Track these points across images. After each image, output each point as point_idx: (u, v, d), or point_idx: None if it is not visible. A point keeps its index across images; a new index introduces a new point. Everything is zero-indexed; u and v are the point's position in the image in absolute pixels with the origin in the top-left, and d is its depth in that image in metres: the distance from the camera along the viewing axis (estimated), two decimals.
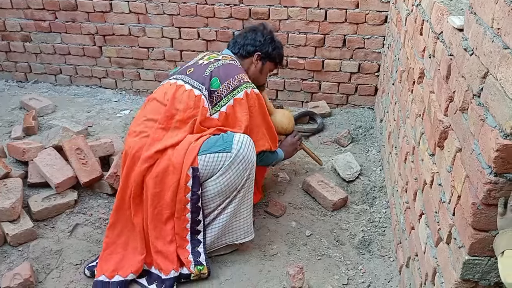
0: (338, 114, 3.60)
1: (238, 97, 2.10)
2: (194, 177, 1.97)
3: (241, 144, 1.98)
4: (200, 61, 2.26)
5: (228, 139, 2.00)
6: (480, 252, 1.18)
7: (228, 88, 2.11)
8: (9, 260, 2.10)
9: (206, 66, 2.17)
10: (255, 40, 2.33)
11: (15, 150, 2.57)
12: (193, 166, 1.96)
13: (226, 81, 2.11)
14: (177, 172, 1.97)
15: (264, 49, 2.34)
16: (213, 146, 1.99)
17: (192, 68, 2.21)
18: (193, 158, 1.96)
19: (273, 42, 2.38)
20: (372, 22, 3.28)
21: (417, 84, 1.95)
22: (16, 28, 3.93)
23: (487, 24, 1.13)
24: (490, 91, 1.09)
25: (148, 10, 3.59)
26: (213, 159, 1.97)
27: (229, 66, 2.20)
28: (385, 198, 2.58)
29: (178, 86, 2.13)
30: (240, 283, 2.03)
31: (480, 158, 1.12)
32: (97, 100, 3.90)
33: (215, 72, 2.13)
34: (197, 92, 2.09)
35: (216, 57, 2.26)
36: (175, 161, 1.97)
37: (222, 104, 2.10)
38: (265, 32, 2.37)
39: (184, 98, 2.08)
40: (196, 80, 2.13)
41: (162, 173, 1.98)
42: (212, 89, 2.10)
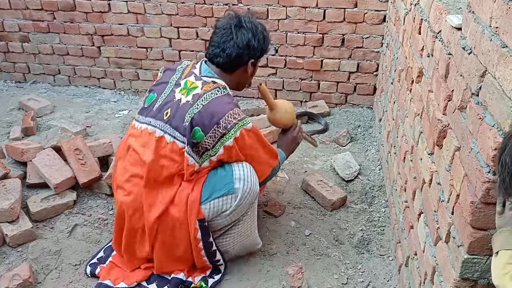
0: (337, 114, 3.60)
1: (227, 144, 1.82)
2: (202, 227, 1.88)
3: (243, 181, 1.85)
4: (177, 94, 1.87)
5: (227, 178, 1.85)
6: (479, 250, 1.18)
7: (214, 138, 1.81)
8: (8, 261, 2.10)
9: (184, 109, 1.81)
10: (248, 47, 1.90)
11: (14, 150, 2.57)
12: (199, 218, 1.86)
13: (210, 130, 1.79)
14: (184, 227, 1.87)
15: (257, 54, 1.97)
16: (214, 191, 1.85)
17: (169, 110, 1.84)
18: (197, 211, 1.84)
19: (265, 40, 1.98)
20: (370, 22, 3.28)
21: (416, 83, 1.95)
22: (14, 28, 3.93)
23: (485, 23, 1.13)
24: (488, 90, 1.09)
25: (147, 10, 3.59)
26: (218, 203, 1.86)
27: (212, 105, 1.81)
28: (384, 197, 2.58)
29: (158, 138, 1.83)
30: (239, 283, 2.03)
31: (479, 157, 1.12)
32: (96, 100, 3.90)
33: (196, 120, 1.79)
34: (180, 144, 1.82)
35: (194, 86, 1.87)
36: (179, 217, 1.85)
37: (211, 154, 1.85)
38: (256, 30, 1.93)
39: (167, 152, 1.83)
40: (175, 129, 1.82)
41: (169, 233, 1.89)
42: (196, 141, 1.81)
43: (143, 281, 2.00)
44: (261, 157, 1.97)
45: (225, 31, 1.90)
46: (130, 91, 4.03)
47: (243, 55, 1.91)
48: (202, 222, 1.87)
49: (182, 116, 1.81)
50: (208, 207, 1.86)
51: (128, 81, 3.99)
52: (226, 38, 1.89)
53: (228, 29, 1.89)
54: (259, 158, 1.96)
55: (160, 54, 3.78)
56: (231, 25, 1.90)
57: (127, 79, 3.98)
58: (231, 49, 1.88)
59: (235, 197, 1.86)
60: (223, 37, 1.90)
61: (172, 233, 1.89)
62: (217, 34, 1.92)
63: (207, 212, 1.86)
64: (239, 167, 1.88)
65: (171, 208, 1.85)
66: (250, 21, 1.93)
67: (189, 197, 1.84)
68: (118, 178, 1.95)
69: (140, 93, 4.00)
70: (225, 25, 1.91)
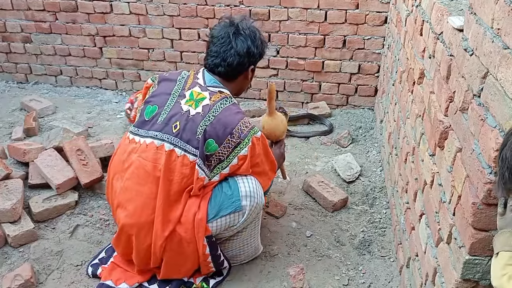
0: (338, 115, 3.60)
1: (242, 154, 1.82)
2: (210, 243, 1.86)
3: (250, 198, 1.83)
4: (183, 105, 1.82)
5: (234, 196, 1.83)
6: (481, 252, 1.18)
7: (228, 148, 1.80)
8: (10, 261, 2.10)
9: (195, 121, 1.78)
10: (248, 54, 1.88)
11: (16, 151, 2.57)
12: (207, 235, 1.83)
13: (224, 140, 1.78)
14: (192, 245, 1.84)
15: (257, 59, 1.97)
16: (221, 209, 1.82)
17: (178, 123, 1.79)
18: (204, 230, 1.82)
19: (263, 44, 1.98)
20: (372, 23, 3.29)
21: (417, 85, 1.95)
22: (16, 29, 3.93)
23: (487, 25, 1.13)
24: (490, 91, 1.09)
25: (149, 11, 3.60)
26: (225, 221, 1.84)
27: (223, 116, 1.79)
28: (385, 198, 2.59)
29: (168, 152, 1.78)
30: (240, 284, 2.03)
31: (480, 158, 1.12)
32: (98, 101, 3.90)
33: (209, 132, 1.77)
34: (191, 157, 1.78)
35: (202, 97, 1.84)
36: (186, 236, 1.82)
37: (223, 166, 1.83)
38: (255, 36, 1.91)
39: (178, 166, 1.78)
40: (187, 142, 1.78)
41: (176, 250, 1.86)
42: (208, 153, 1.79)
43: (144, 282, 2.01)
44: (265, 168, 1.96)
45: (223, 40, 1.87)
46: (132, 92, 4.04)
47: (244, 62, 1.90)
48: (210, 238, 1.86)
49: (193, 128, 1.78)
50: (215, 225, 1.84)
51: (130, 82, 4.00)
52: (226, 47, 1.86)
53: (227, 38, 1.87)
54: (263, 168, 1.95)
55: (162, 55, 3.78)
56: (229, 34, 1.87)
57: (128, 80, 3.99)
58: (232, 58, 1.86)
59: (243, 213, 1.86)
60: (222, 46, 1.87)
61: (179, 250, 1.86)
62: (215, 43, 1.89)
63: (215, 229, 1.85)
64: (245, 183, 1.85)
65: (178, 227, 1.82)
66: (247, 27, 1.91)
67: (196, 216, 1.81)
68: (119, 196, 1.87)
69: None
70: (222, 34, 1.88)
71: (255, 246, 2.13)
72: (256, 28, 1.95)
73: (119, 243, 1.96)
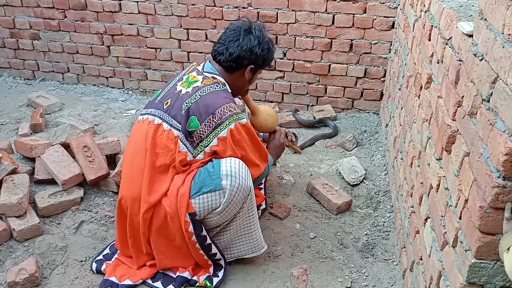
0: (343, 119, 3.61)
1: (221, 135, 1.88)
2: (193, 221, 1.88)
3: (230, 178, 1.84)
4: (179, 86, 1.98)
5: (215, 174, 1.85)
6: (487, 255, 1.19)
7: (209, 127, 1.87)
8: (15, 255, 2.11)
9: (183, 99, 1.91)
10: (251, 52, 1.97)
11: (23, 146, 2.59)
12: (189, 212, 1.86)
13: (206, 119, 1.87)
14: (176, 220, 1.89)
15: (259, 62, 2.03)
16: (202, 185, 1.86)
17: (169, 100, 1.95)
18: (187, 205, 1.86)
19: (269, 51, 2.05)
20: (379, 28, 3.30)
21: (425, 89, 1.96)
22: (25, 26, 3.97)
23: (497, 30, 1.14)
24: (499, 96, 1.10)
25: (157, 11, 3.62)
26: (207, 199, 1.87)
27: (209, 97, 1.90)
28: (389, 202, 2.59)
29: (156, 126, 1.92)
30: (243, 284, 2.04)
31: (489, 162, 1.12)
32: (104, 99, 3.92)
33: (193, 109, 1.87)
34: (176, 132, 1.89)
35: (195, 79, 1.97)
36: (170, 210, 1.88)
37: (205, 144, 1.90)
38: (263, 40, 2.00)
39: (164, 140, 1.90)
40: (173, 118, 1.90)
41: (161, 224, 1.92)
42: (190, 129, 1.88)
43: (148, 278, 2.02)
44: (252, 157, 1.99)
45: (234, 32, 2.00)
46: (138, 91, 4.06)
47: (244, 58, 1.98)
48: (193, 216, 1.88)
49: (180, 105, 1.90)
50: (197, 202, 1.87)
51: (137, 81, 4.02)
52: (233, 38, 1.98)
53: (237, 31, 1.99)
54: (250, 158, 1.98)
55: (169, 55, 3.80)
56: (241, 28, 2.00)
57: (135, 79, 4.01)
58: (234, 49, 1.96)
59: (223, 193, 1.86)
60: (230, 37, 1.99)
61: (164, 224, 1.92)
62: (226, 33, 2.03)
63: (197, 207, 1.87)
64: (227, 163, 1.87)
65: (163, 200, 1.90)
66: (259, 30, 2.02)
67: (179, 190, 1.87)
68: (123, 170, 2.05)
69: (148, 93, 4.03)
70: (235, 28, 2.02)
71: (254, 242, 2.10)
72: (269, 37, 2.07)
73: (118, 221, 2.03)
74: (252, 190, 1.95)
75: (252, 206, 2.02)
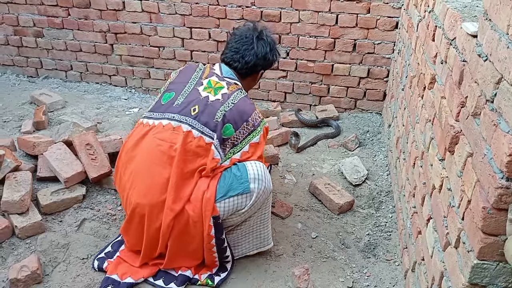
0: (346, 119, 3.61)
1: (254, 141, 1.97)
2: (216, 225, 1.89)
3: (258, 181, 1.88)
4: (202, 91, 1.98)
5: (243, 178, 1.88)
6: (489, 256, 1.18)
7: (243, 134, 1.96)
8: (17, 252, 2.11)
9: (214, 106, 1.93)
10: (265, 59, 2.10)
11: (26, 143, 2.59)
12: (214, 215, 1.87)
13: (240, 126, 1.94)
14: (199, 225, 1.88)
15: (269, 66, 2.18)
16: (229, 189, 1.87)
17: (197, 107, 1.93)
18: (212, 208, 1.86)
19: (277, 55, 2.19)
20: (383, 28, 3.29)
21: (428, 90, 1.96)
22: (29, 23, 3.97)
23: (502, 31, 1.14)
24: (503, 97, 1.09)
25: (161, 9, 3.62)
26: (233, 202, 1.88)
27: (241, 105, 1.96)
28: (391, 202, 2.59)
29: (186, 133, 1.89)
30: (245, 283, 2.04)
31: (492, 163, 1.12)
32: (107, 97, 3.93)
33: (228, 117, 1.92)
34: (208, 139, 1.90)
35: (220, 86, 2.00)
36: (193, 215, 1.86)
37: (235, 151, 1.96)
38: (274, 46, 2.14)
39: (193, 147, 1.89)
40: (205, 125, 1.90)
41: (182, 230, 1.90)
42: (225, 136, 1.93)
43: (149, 277, 2.02)
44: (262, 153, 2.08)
45: (246, 40, 2.08)
46: (141, 89, 4.06)
47: (259, 65, 2.10)
48: (217, 219, 1.88)
49: (212, 112, 1.92)
50: (223, 205, 1.88)
51: (140, 79, 4.02)
52: (248, 46, 2.06)
53: (250, 39, 2.07)
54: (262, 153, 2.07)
55: (172, 54, 3.80)
56: (253, 36, 2.08)
57: (138, 77, 4.01)
58: (250, 57, 2.06)
59: (251, 196, 1.89)
60: (244, 45, 2.07)
61: (185, 230, 1.90)
62: (237, 41, 2.09)
63: (222, 210, 1.88)
64: (253, 167, 1.91)
65: (187, 205, 1.88)
66: (269, 35, 2.13)
67: (204, 195, 1.87)
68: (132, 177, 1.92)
69: (151, 92, 4.03)
70: (246, 34, 2.09)
71: (264, 237, 2.13)
72: (275, 40, 2.18)
73: (129, 227, 1.98)
74: (271, 192, 2.01)
75: (267, 206, 2.07)
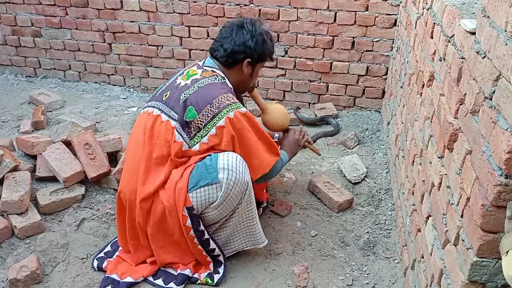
0: (345, 116, 3.61)
1: (219, 124, 1.88)
2: (191, 215, 1.89)
3: (227, 171, 1.83)
4: (178, 80, 2.03)
5: (212, 168, 1.85)
6: (489, 254, 1.18)
7: (207, 117, 1.89)
8: (16, 252, 2.11)
9: (181, 90, 1.95)
10: (244, 45, 2.01)
11: (24, 143, 2.59)
12: (187, 206, 1.87)
13: (203, 109, 1.88)
14: (174, 214, 1.89)
15: (254, 55, 2.04)
16: (199, 179, 1.86)
17: (169, 92, 2.00)
18: (184, 199, 1.86)
19: (264, 43, 2.06)
20: (381, 25, 3.29)
21: (427, 87, 1.95)
22: (26, 23, 3.97)
23: (500, 28, 1.13)
24: (502, 94, 1.09)
25: (159, 8, 3.61)
26: (204, 193, 1.87)
27: (207, 89, 1.93)
28: (390, 200, 2.59)
29: (155, 117, 1.95)
30: (245, 281, 2.04)
31: (491, 160, 1.12)
32: (105, 96, 3.92)
33: (191, 100, 1.90)
34: (173, 123, 1.91)
35: (194, 73, 2.01)
36: (168, 205, 1.88)
37: (202, 135, 1.90)
38: (255, 33, 2.03)
39: (162, 130, 1.91)
40: (171, 109, 1.93)
41: (160, 219, 1.92)
42: (188, 120, 1.89)
43: (149, 276, 2.02)
44: (258, 148, 1.98)
45: (227, 29, 2.08)
46: (140, 89, 4.06)
47: (239, 52, 2.02)
48: (191, 210, 1.88)
49: (177, 96, 1.94)
50: (195, 196, 1.87)
51: (138, 78, 4.01)
52: (226, 35, 2.05)
53: (230, 28, 2.07)
54: (254, 148, 1.97)
55: (171, 53, 3.80)
56: (233, 25, 2.07)
57: (137, 76, 4.01)
58: (227, 45, 2.02)
59: (220, 187, 1.86)
60: (224, 34, 2.07)
61: (162, 219, 1.92)
62: (221, 32, 2.10)
63: (195, 201, 1.88)
64: (224, 157, 1.86)
65: (161, 193, 1.90)
66: (252, 23, 2.06)
67: (177, 184, 1.88)
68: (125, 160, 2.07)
69: (150, 91, 4.02)
70: (229, 25, 2.09)
71: (253, 236, 2.11)
72: (264, 29, 2.09)
73: (119, 217, 2.05)
74: (250, 185, 1.93)
75: (250, 201, 2.00)
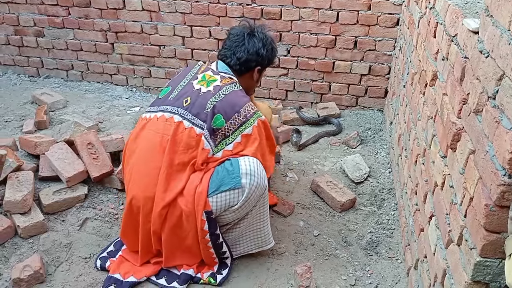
0: (348, 116, 3.60)
1: (246, 133, 1.95)
2: (209, 220, 1.89)
3: (250, 176, 1.86)
4: (195, 84, 2.00)
5: (234, 173, 1.87)
6: (492, 253, 1.18)
7: (234, 125, 1.94)
8: (19, 252, 2.12)
9: (205, 97, 1.94)
10: (257, 54, 2.07)
11: (27, 143, 2.60)
12: (206, 210, 1.87)
13: (231, 117, 1.92)
14: (192, 219, 1.89)
15: (265, 63, 2.14)
16: (221, 184, 1.87)
17: (189, 98, 1.96)
18: (204, 203, 1.86)
19: (273, 50, 2.16)
20: (384, 25, 3.28)
21: (430, 87, 1.95)
22: (29, 23, 3.97)
23: (504, 27, 1.13)
24: (506, 93, 1.09)
25: (161, 8, 3.62)
26: (225, 197, 1.87)
27: (233, 97, 1.96)
28: (393, 200, 2.58)
29: (177, 124, 1.92)
30: (247, 281, 2.04)
31: (494, 160, 1.12)
32: (108, 96, 3.93)
33: (218, 108, 1.91)
34: (198, 130, 1.91)
35: (213, 79, 2.01)
36: (186, 210, 1.87)
37: (227, 142, 1.95)
38: (267, 41, 2.11)
39: (184, 137, 1.90)
40: (196, 116, 1.92)
41: (175, 224, 1.91)
42: (215, 127, 1.92)
43: (152, 276, 2.02)
44: (267, 150, 2.06)
45: (238, 37, 2.09)
46: (142, 88, 4.06)
47: (252, 61, 2.08)
48: (210, 214, 1.88)
49: (203, 103, 1.93)
50: (215, 200, 1.88)
51: (140, 78, 4.02)
52: (238, 43, 2.08)
53: (241, 36, 2.09)
54: (265, 150, 2.04)
55: (173, 52, 3.80)
56: (244, 33, 2.09)
57: (139, 76, 4.01)
58: (241, 54, 2.06)
59: (242, 192, 1.88)
60: (235, 42, 2.09)
61: (179, 224, 1.91)
62: (231, 39, 2.12)
63: (215, 205, 1.88)
64: (246, 162, 1.89)
65: (179, 199, 1.88)
66: (262, 32, 2.12)
67: (197, 189, 1.87)
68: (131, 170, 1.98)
69: (152, 91, 4.03)
70: (238, 32, 2.11)
71: (264, 236, 2.12)
72: (270, 36, 2.16)
73: (127, 224, 2.01)
74: (267, 188, 1.98)
75: (264, 204, 2.04)
